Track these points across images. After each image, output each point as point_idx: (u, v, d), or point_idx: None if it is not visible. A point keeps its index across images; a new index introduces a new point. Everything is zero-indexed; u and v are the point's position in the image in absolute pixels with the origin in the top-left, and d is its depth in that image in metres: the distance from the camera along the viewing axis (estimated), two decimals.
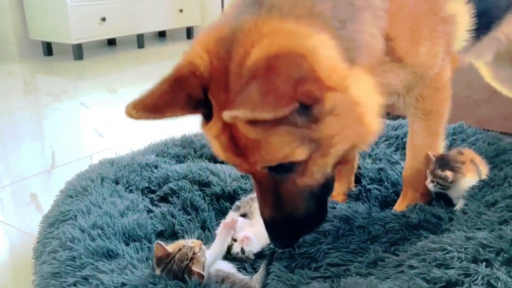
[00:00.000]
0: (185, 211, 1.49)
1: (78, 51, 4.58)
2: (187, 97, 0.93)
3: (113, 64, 4.62)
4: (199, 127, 1.03)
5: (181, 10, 5.48)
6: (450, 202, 1.41)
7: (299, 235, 1.14)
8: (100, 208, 1.38)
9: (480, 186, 1.35)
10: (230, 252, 1.31)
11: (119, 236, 1.28)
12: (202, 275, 1.08)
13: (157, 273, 1.10)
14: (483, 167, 1.43)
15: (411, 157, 1.42)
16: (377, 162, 1.74)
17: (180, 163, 1.78)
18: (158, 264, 1.10)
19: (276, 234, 1.09)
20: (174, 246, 1.12)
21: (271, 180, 1.01)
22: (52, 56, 4.80)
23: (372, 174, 1.64)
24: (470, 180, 1.37)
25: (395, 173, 1.62)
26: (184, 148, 1.88)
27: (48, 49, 4.78)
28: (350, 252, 1.22)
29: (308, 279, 1.15)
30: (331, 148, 0.96)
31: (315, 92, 0.87)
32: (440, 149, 1.41)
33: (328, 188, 1.09)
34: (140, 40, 5.23)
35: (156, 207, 1.51)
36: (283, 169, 0.98)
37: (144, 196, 1.56)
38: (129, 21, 4.94)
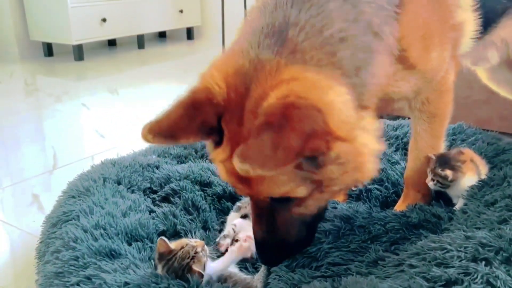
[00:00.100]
0: (186, 211, 1.50)
1: (79, 52, 4.59)
2: (202, 123, 0.95)
3: (113, 64, 4.63)
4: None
5: (181, 11, 5.48)
6: (450, 202, 1.42)
7: (286, 257, 1.19)
8: (102, 208, 1.39)
9: (480, 185, 1.35)
10: None
11: (122, 236, 1.29)
12: (202, 275, 1.09)
13: (158, 269, 1.12)
14: (482, 166, 1.44)
15: (414, 158, 1.43)
16: None
17: (182, 163, 1.79)
18: (159, 260, 1.11)
19: (264, 253, 1.15)
20: (177, 243, 1.13)
21: (269, 206, 1.06)
22: (53, 57, 4.81)
23: None
24: (470, 179, 1.38)
25: (395, 173, 1.63)
26: (185, 149, 1.89)
27: (48, 50, 4.79)
28: (351, 251, 1.23)
29: (309, 278, 1.16)
30: (329, 188, 1.03)
31: (321, 148, 0.91)
32: (442, 150, 1.43)
33: (319, 217, 1.17)
34: (140, 40, 5.24)
35: (158, 207, 1.52)
36: (283, 200, 1.03)
37: (146, 197, 1.57)
38: (129, 21, 4.95)
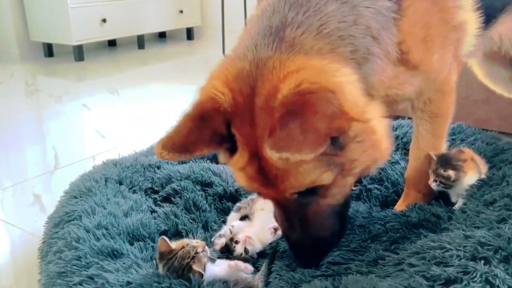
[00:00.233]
0: (187, 211, 1.51)
1: (79, 52, 4.59)
2: (212, 133, 0.96)
3: (113, 65, 4.63)
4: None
5: (181, 11, 5.49)
6: (449, 201, 1.42)
7: (324, 254, 1.19)
8: (104, 208, 1.40)
9: (479, 185, 1.36)
10: (234, 254, 1.33)
11: (124, 236, 1.30)
12: (202, 275, 1.10)
13: (159, 268, 1.12)
14: (482, 165, 1.45)
15: (415, 158, 1.44)
16: None
17: (183, 163, 1.80)
18: (160, 259, 1.12)
19: (303, 255, 1.15)
20: (178, 243, 1.14)
21: (296, 205, 1.06)
22: (53, 58, 4.82)
23: (372, 174, 1.66)
24: (472, 178, 1.39)
25: (395, 172, 1.64)
26: None
27: (49, 50, 4.80)
28: (351, 250, 1.23)
29: (309, 278, 1.16)
30: (351, 171, 1.04)
31: (344, 127, 0.94)
32: (443, 150, 1.43)
33: (347, 206, 1.18)
34: (140, 41, 5.25)
35: (159, 207, 1.53)
36: (309, 192, 1.03)
37: (147, 197, 1.58)
38: (129, 22, 4.95)
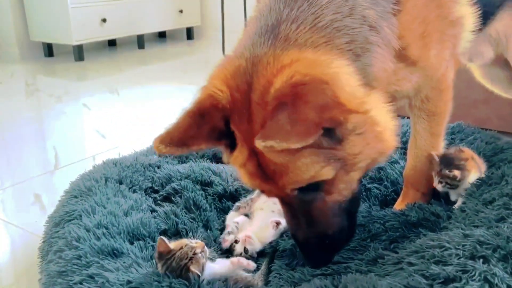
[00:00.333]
0: (187, 210, 1.51)
1: (79, 52, 4.59)
2: (211, 129, 0.97)
3: (113, 65, 4.64)
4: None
5: (181, 11, 5.49)
6: (449, 200, 1.43)
7: (333, 252, 1.16)
8: (104, 207, 1.40)
9: (478, 184, 1.37)
10: (233, 253, 1.33)
11: (124, 235, 1.30)
12: (199, 276, 1.10)
13: (158, 267, 1.12)
14: (481, 164, 1.46)
15: (413, 157, 1.44)
16: None
17: (183, 163, 1.80)
18: (159, 259, 1.12)
19: (312, 254, 1.12)
20: (177, 243, 1.14)
21: (301, 202, 1.04)
22: (53, 57, 4.82)
23: (371, 174, 1.66)
24: (475, 176, 1.40)
25: (395, 172, 1.64)
26: None
27: (49, 50, 4.80)
28: (351, 249, 1.24)
29: (309, 277, 1.17)
30: (355, 165, 1.01)
31: (338, 117, 0.93)
32: (441, 148, 1.43)
33: (355, 203, 1.13)
34: (140, 40, 5.25)
35: (159, 206, 1.53)
36: (311, 188, 1.01)
37: (147, 196, 1.58)
38: (129, 22, 4.95)
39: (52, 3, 4.45)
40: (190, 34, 5.84)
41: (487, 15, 1.42)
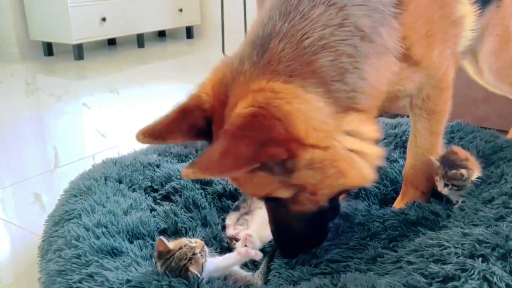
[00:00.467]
0: (187, 209, 1.51)
1: (79, 51, 4.59)
2: (190, 126, 1.04)
3: (113, 64, 4.64)
4: None
5: (180, 10, 5.49)
6: (449, 200, 1.43)
7: (299, 249, 1.23)
8: (104, 207, 1.40)
9: (477, 183, 1.37)
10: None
11: (123, 234, 1.30)
12: (198, 277, 1.10)
13: (158, 266, 1.12)
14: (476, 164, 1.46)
15: (413, 155, 1.44)
16: None
17: (182, 162, 1.80)
18: (158, 258, 1.12)
19: (279, 245, 1.22)
20: (176, 243, 1.13)
21: (269, 205, 1.14)
22: (53, 57, 4.82)
23: None
24: (477, 175, 1.40)
25: (394, 171, 1.64)
26: (186, 148, 1.90)
27: (48, 49, 4.80)
28: (350, 248, 1.24)
29: (308, 275, 1.17)
30: (316, 191, 1.05)
31: (280, 154, 0.95)
32: (440, 147, 1.44)
33: (325, 214, 1.16)
34: (140, 39, 5.25)
35: (159, 205, 1.53)
36: (273, 199, 1.08)
37: (147, 195, 1.58)
38: (129, 21, 4.95)
39: (52, 2, 4.45)
40: (190, 33, 5.84)
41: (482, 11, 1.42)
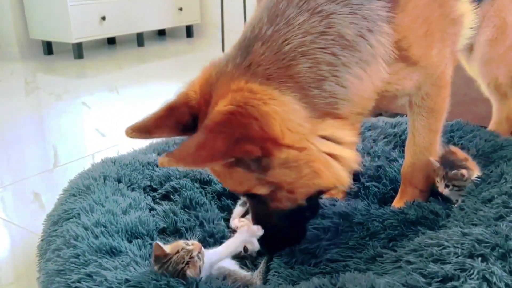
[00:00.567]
0: (186, 208, 1.50)
1: (78, 50, 4.59)
2: (176, 121, 1.08)
3: (113, 63, 4.63)
4: None
5: (180, 9, 5.48)
6: (448, 199, 1.42)
7: (278, 247, 1.25)
8: (103, 206, 1.40)
9: (477, 182, 1.36)
10: None
11: (122, 234, 1.29)
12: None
13: (155, 269, 1.12)
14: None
15: (411, 154, 1.44)
16: (375, 159, 1.76)
17: None
18: (155, 262, 1.11)
19: (260, 240, 1.23)
20: (173, 246, 1.12)
21: (249, 201, 1.16)
22: (53, 56, 4.82)
23: (370, 172, 1.66)
24: (477, 175, 1.40)
25: (393, 170, 1.64)
26: None
27: (48, 48, 4.80)
28: (349, 248, 1.24)
29: (307, 275, 1.17)
30: (293, 190, 1.09)
31: (253, 151, 0.99)
32: (438, 145, 1.43)
33: (304, 212, 1.18)
34: (140, 38, 5.24)
35: (158, 205, 1.52)
36: (254, 195, 1.11)
37: (146, 194, 1.57)
38: (129, 20, 4.95)
39: (52, 1, 4.45)
40: (189, 32, 5.84)
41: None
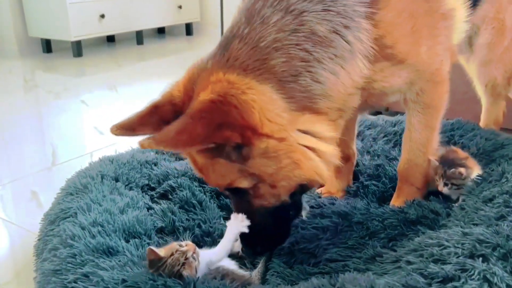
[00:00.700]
0: (185, 208, 1.49)
1: (78, 48, 4.57)
2: (160, 119, 1.10)
3: (112, 61, 4.62)
4: None
5: (180, 7, 5.46)
6: (449, 198, 1.41)
7: (262, 248, 1.22)
8: (100, 205, 1.39)
9: (478, 181, 1.35)
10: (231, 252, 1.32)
11: (119, 233, 1.28)
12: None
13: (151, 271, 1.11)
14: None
15: (408, 150, 1.42)
16: (375, 158, 1.75)
17: (180, 160, 1.79)
18: (150, 266, 1.09)
19: (242, 241, 1.21)
20: (167, 249, 1.11)
21: (232, 198, 1.16)
22: (52, 53, 4.80)
23: (370, 171, 1.65)
24: (476, 173, 1.39)
25: (393, 169, 1.63)
26: None
27: (47, 46, 4.78)
28: (349, 248, 1.23)
29: (307, 275, 1.16)
30: (276, 183, 1.09)
31: (232, 139, 1.01)
32: (436, 143, 1.42)
33: (287, 210, 1.18)
34: (139, 36, 5.22)
35: (156, 204, 1.52)
36: (237, 191, 1.12)
37: (144, 193, 1.56)
38: (128, 17, 4.93)
39: None
40: (189, 30, 5.81)
41: (475, 4, 1.42)
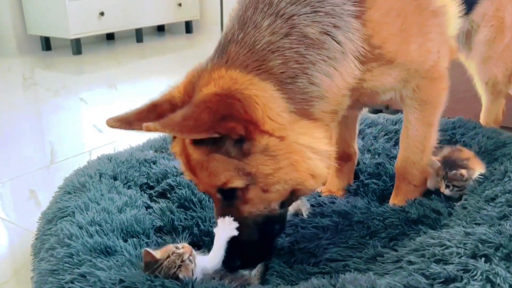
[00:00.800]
0: (183, 207, 1.48)
1: (77, 46, 4.56)
2: (158, 117, 1.09)
3: (111, 58, 4.60)
4: None
5: (179, 4, 5.45)
6: (451, 197, 1.40)
7: (243, 262, 1.17)
8: (98, 204, 1.37)
9: (480, 180, 1.34)
10: None
11: (117, 233, 1.27)
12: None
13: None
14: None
15: (405, 147, 1.40)
16: (375, 156, 1.74)
17: None
18: (146, 268, 1.08)
19: (226, 255, 1.16)
20: (163, 252, 1.09)
21: (222, 204, 1.14)
22: (51, 51, 4.79)
23: (370, 169, 1.64)
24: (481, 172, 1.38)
25: (393, 167, 1.61)
26: None
27: (46, 44, 4.77)
28: (349, 247, 1.22)
29: (307, 275, 1.15)
30: (270, 186, 1.08)
31: (237, 130, 1.02)
32: (435, 140, 1.40)
33: (273, 225, 1.16)
34: (138, 34, 5.21)
35: (155, 203, 1.50)
36: (228, 194, 1.11)
37: (142, 192, 1.55)
38: (127, 15, 4.92)
39: None
40: (189, 28, 5.80)
41: (473, 2, 1.40)
